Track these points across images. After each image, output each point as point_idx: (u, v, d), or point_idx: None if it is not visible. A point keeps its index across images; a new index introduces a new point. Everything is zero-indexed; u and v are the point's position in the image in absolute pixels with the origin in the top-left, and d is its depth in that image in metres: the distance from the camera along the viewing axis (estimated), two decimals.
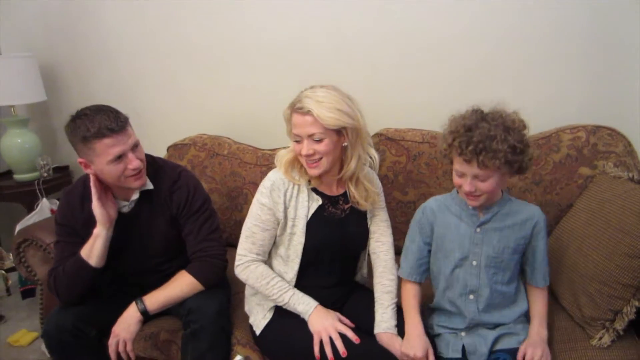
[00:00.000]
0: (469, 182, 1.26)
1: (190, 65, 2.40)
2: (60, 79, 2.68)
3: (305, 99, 1.34)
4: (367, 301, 1.48)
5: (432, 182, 1.91)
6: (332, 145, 1.37)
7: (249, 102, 2.35)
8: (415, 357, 1.29)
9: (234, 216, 2.11)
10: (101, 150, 1.39)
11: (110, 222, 1.48)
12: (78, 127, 1.38)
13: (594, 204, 1.56)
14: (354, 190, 1.48)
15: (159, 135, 2.42)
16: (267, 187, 1.43)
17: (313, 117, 1.32)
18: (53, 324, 1.45)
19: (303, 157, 1.38)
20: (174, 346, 1.58)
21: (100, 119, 1.38)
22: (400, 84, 2.12)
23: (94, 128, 1.36)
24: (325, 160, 1.38)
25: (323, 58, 2.17)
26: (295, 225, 1.44)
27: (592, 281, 1.39)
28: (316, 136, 1.34)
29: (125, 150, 1.41)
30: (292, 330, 1.42)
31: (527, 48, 1.94)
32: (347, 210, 1.51)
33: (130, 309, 1.46)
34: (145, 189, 1.54)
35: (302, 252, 1.43)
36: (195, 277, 1.50)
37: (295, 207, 1.44)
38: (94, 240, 1.46)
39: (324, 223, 1.46)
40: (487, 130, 1.20)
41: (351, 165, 1.43)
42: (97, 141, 1.38)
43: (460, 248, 1.37)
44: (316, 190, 1.48)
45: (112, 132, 1.38)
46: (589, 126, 1.78)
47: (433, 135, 1.93)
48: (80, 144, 1.40)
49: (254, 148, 2.17)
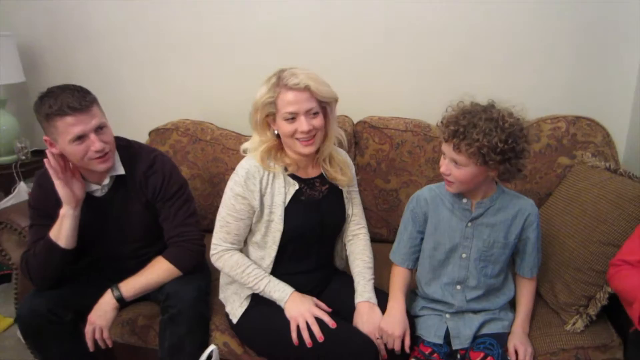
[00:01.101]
0: (446, 164, 1.29)
1: (174, 49, 2.36)
2: (40, 59, 2.61)
3: (295, 76, 1.33)
4: (346, 287, 1.49)
5: (415, 170, 1.91)
6: (323, 119, 1.40)
7: (232, 88, 2.31)
8: (393, 335, 1.30)
9: (215, 202, 2.09)
10: (62, 128, 1.36)
11: (77, 201, 1.44)
12: (43, 103, 1.37)
13: (572, 192, 1.58)
14: (330, 168, 1.49)
15: (141, 119, 2.39)
16: (242, 176, 1.41)
17: (310, 91, 1.33)
18: (27, 309, 1.43)
19: (302, 134, 1.36)
20: (152, 332, 1.57)
21: (64, 97, 1.36)
22: (385, 72, 2.11)
23: (56, 105, 1.34)
24: (318, 135, 1.39)
25: (309, 46, 2.15)
26: (273, 212, 1.42)
27: (568, 268, 1.42)
28: (314, 110, 1.35)
29: (86, 130, 1.38)
30: (269, 318, 1.41)
31: (510, 38, 1.95)
32: (325, 191, 1.51)
33: (106, 296, 1.45)
34: (117, 174, 1.52)
35: (280, 238, 1.43)
36: (172, 263, 1.49)
37: (272, 194, 1.43)
38: (62, 221, 1.43)
39: (302, 207, 1.45)
40: (477, 120, 1.20)
41: (329, 142, 1.46)
42: (58, 119, 1.36)
43: (450, 240, 1.37)
44: (293, 175, 1.47)
45: (74, 110, 1.35)
46: (569, 116, 1.79)
47: (416, 123, 1.93)
48: (44, 122, 1.39)
49: (237, 134, 2.15)
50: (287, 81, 1.34)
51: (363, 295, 1.43)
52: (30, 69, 2.57)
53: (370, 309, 1.39)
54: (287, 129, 1.37)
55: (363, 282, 1.46)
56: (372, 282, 1.47)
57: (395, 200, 1.94)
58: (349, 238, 1.58)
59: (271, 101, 1.37)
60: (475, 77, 2.01)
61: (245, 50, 2.25)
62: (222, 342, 1.51)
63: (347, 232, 1.58)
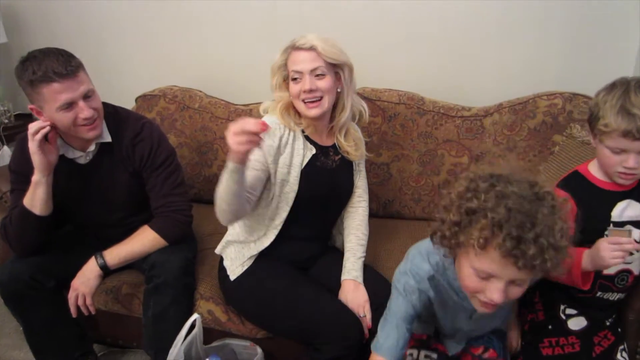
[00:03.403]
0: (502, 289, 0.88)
1: (163, 13, 2.27)
2: (22, 19, 2.51)
3: (304, 37, 1.35)
4: (336, 265, 1.48)
5: (407, 144, 1.88)
6: (332, 84, 1.36)
7: (222, 54, 2.25)
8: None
9: (203, 171, 2.06)
10: (49, 95, 1.30)
11: (49, 168, 1.39)
12: (26, 69, 1.30)
13: (557, 168, 1.57)
14: (344, 141, 1.48)
15: (127, 84, 2.33)
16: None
17: (316, 52, 1.33)
18: (7, 274, 1.41)
19: (304, 93, 1.34)
20: (136, 300, 1.55)
21: (48, 62, 1.29)
22: (379, 42, 2.05)
23: (41, 71, 1.28)
24: (326, 99, 1.36)
25: (302, 11, 2.08)
26: (290, 173, 1.40)
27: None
28: (319, 70, 1.34)
29: (74, 97, 1.33)
30: (266, 284, 1.40)
31: (508, 10, 1.89)
32: (338, 161, 1.49)
33: (90, 263, 1.43)
34: (103, 141, 1.47)
35: (293, 200, 1.40)
36: (157, 233, 1.46)
37: (291, 154, 1.40)
38: (34, 188, 1.38)
39: (317, 173, 1.44)
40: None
41: (345, 113, 1.43)
42: (44, 85, 1.29)
43: (452, 322, 1.16)
44: (309, 139, 1.45)
45: (61, 76, 1.29)
46: (565, 93, 1.76)
47: (410, 96, 1.89)
48: (28, 88, 1.32)
49: (226, 102, 2.10)
50: (296, 42, 1.36)
51: (350, 273, 1.43)
52: (12, 30, 2.48)
53: (355, 287, 1.39)
54: (293, 89, 1.37)
55: (353, 259, 1.46)
56: (361, 261, 1.46)
57: (386, 174, 1.91)
58: (348, 210, 1.57)
59: (283, 64, 1.39)
60: (470, 49, 1.97)
61: (235, 19, 2.17)
62: (207, 310, 1.50)
63: (348, 204, 1.57)
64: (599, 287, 1.22)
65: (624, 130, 1.04)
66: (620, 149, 1.08)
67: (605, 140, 1.09)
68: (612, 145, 1.08)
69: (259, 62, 2.22)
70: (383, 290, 1.39)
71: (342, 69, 1.39)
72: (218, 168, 2.03)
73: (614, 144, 1.08)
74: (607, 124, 1.06)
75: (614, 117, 1.05)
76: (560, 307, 1.28)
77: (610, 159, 1.11)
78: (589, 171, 1.21)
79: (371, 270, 1.49)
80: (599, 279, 1.20)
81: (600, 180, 1.19)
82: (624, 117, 1.04)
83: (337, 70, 1.38)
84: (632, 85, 1.06)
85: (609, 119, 1.06)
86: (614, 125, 1.05)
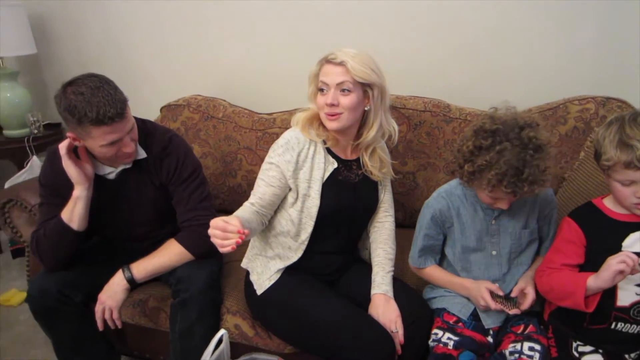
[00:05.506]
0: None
1: (187, 22, 2.28)
2: (51, 30, 2.56)
3: (338, 51, 1.35)
4: (365, 277, 1.46)
5: (433, 152, 1.84)
6: (357, 102, 1.34)
7: (246, 64, 2.25)
8: (486, 299, 1.28)
9: (227, 182, 2.06)
10: (97, 135, 1.31)
11: (89, 181, 1.40)
12: (74, 106, 1.27)
13: (583, 178, 1.56)
14: (368, 160, 1.46)
15: (152, 94, 2.35)
16: (281, 146, 1.39)
17: (345, 68, 1.32)
18: (37, 289, 1.42)
19: (326, 106, 1.34)
20: (163, 314, 1.55)
21: (99, 103, 1.26)
22: (404, 49, 2.01)
23: (92, 113, 1.26)
24: (346, 116, 1.35)
25: (326, 20, 2.06)
26: (311, 187, 1.39)
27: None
28: (344, 85, 1.32)
29: (122, 136, 1.34)
30: (295, 299, 1.39)
31: (537, 16, 1.83)
32: (361, 175, 1.48)
33: (117, 277, 1.43)
34: (136, 159, 1.48)
35: (316, 214, 1.39)
36: (184, 247, 1.46)
37: (311, 168, 1.39)
38: (75, 203, 1.40)
39: (339, 186, 1.42)
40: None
41: (371, 132, 1.40)
42: (94, 127, 1.29)
43: (478, 240, 1.35)
44: (330, 152, 1.43)
45: (112, 120, 1.29)
46: (598, 97, 1.69)
47: (435, 103, 1.85)
48: (73, 124, 1.31)
49: (249, 112, 2.09)
50: (329, 55, 1.36)
51: (380, 287, 1.40)
52: (41, 41, 2.53)
53: (386, 302, 1.37)
54: (319, 100, 1.38)
55: (382, 273, 1.43)
56: (390, 275, 1.44)
57: (412, 183, 1.88)
58: (374, 225, 1.55)
59: (316, 74, 1.39)
60: (499, 56, 1.91)
61: (260, 28, 2.17)
62: (234, 325, 1.49)
63: (374, 218, 1.55)
64: (614, 319, 1.18)
65: (625, 161, 1.09)
66: (630, 181, 1.12)
67: (612, 174, 1.15)
68: (620, 178, 1.13)
69: (282, 72, 2.22)
70: (414, 305, 1.39)
71: (371, 88, 1.36)
72: (242, 178, 2.03)
73: (621, 177, 1.13)
74: (608, 158, 1.13)
75: (613, 151, 1.11)
76: (572, 345, 1.25)
77: (623, 192, 1.15)
78: (603, 203, 1.24)
79: (401, 283, 1.46)
80: (612, 310, 1.18)
81: (614, 212, 1.21)
82: (622, 149, 1.10)
83: (365, 88, 1.36)
84: (627, 120, 1.13)
85: (609, 153, 1.12)
86: (615, 158, 1.11)
